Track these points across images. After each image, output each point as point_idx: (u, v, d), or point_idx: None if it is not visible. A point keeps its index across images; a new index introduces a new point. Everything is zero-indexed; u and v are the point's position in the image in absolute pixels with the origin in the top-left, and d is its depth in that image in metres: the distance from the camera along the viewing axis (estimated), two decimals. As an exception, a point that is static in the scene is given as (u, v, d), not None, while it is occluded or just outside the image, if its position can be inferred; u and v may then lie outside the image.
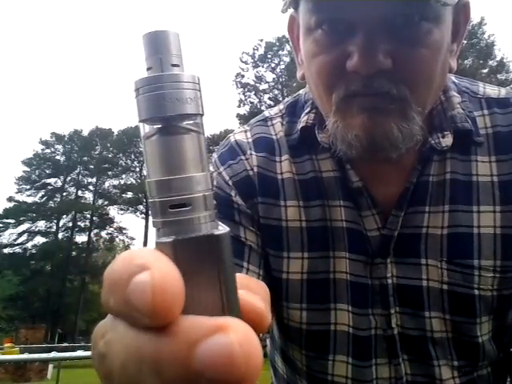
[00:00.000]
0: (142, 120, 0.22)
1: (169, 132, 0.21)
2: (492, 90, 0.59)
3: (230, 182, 0.61)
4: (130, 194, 47.33)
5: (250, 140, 0.65)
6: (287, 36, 0.60)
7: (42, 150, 47.47)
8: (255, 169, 0.61)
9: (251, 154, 0.63)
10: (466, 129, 0.55)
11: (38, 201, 45.81)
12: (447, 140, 0.54)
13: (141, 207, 47.19)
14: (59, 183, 47.48)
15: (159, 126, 0.21)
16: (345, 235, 0.56)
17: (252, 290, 0.21)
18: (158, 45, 0.24)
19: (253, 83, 39.83)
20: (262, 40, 39.70)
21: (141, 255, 0.18)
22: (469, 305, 0.53)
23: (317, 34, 0.49)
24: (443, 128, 0.55)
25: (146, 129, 0.22)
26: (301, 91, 0.67)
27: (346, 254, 0.56)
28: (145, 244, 47.20)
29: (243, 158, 0.63)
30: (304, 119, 0.61)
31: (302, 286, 0.57)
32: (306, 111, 0.61)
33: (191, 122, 0.21)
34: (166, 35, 0.24)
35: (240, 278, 0.21)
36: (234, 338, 0.16)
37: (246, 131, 0.67)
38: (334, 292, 0.56)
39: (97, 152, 48.65)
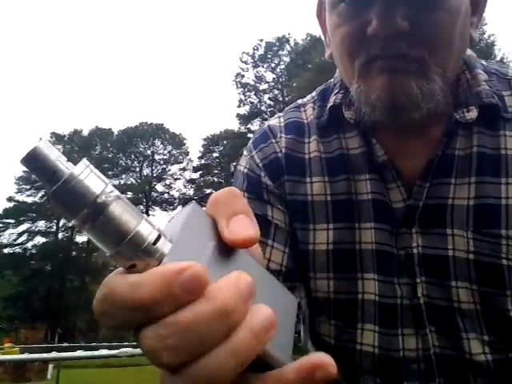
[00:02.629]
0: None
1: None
2: None
3: (260, 165, 0.66)
4: (129, 194, 47.34)
5: (282, 124, 0.69)
6: (287, 36, 0.62)
7: (42, 150, 47.42)
8: (283, 150, 0.65)
9: (281, 137, 0.67)
10: (492, 103, 0.56)
11: (38, 201, 45.78)
12: (472, 114, 0.55)
13: (141, 207, 47.22)
14: (59, 183, 47.42)
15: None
16: (370, 207, 0.58)
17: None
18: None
19: (253, 83, 39.81)
20: (262, 40, 39.63)
21: None
22: (497, 275, 0.52)
23: (340, 8, 0.53)
24: (468, 103, 0.56)
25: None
26: (332, 80, 0.70)
27: (371, 225, 0.57)
28: (145, 244, 47.10)
29: (273, 141, 0.67)
30: (332, 99, 0.64)
31: (328, 255, 0.58)
32: (335, 92, 0.65)
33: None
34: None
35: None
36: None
37: (279, 117, 0.71)
38: (360, 261, 0.57)
39: (97, 152, 48.63)
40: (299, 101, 0.73)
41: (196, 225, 0.29)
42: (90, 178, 0.25)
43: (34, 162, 0.24)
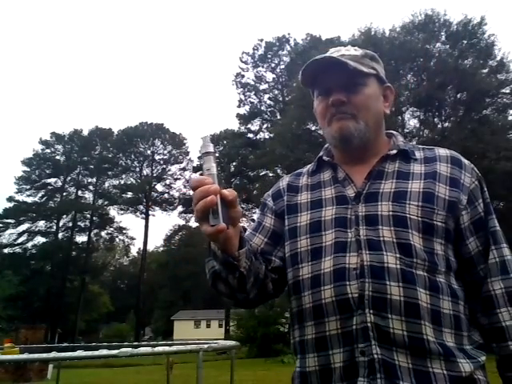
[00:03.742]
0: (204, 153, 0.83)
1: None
2: (427, 147, 1.09)
3: (270, 193, 1.16)
4: (129, 194, 47.28)
5: (288, 176, 1.17)
6: (287, 36, 0.78)
7: (42, 149, 47.22)
8: (285, 184, 1.13)
9: (285, 179, 1.16)
10: (404, 149, 1.04)
11: (38, 201, 45.63)
12: (394, 152, 1.03)
13: (141, 207, 47.25)
14: (59, 183, 47.28)
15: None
16: (333, 199, 1.01)
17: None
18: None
19: (253, 83, 39.71)
20: (262, 40, 39.55)
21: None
22: (403, 222, 0.92)
23: (318, 97, 1.07)
24: (393, 148, 1.06)
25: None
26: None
27: (332, 207, 1.00)
28: (145, 244, 47.40)
29: (280, 183, 1.16)
30: (319, 155, 1.13)
31: (307, 226, 1.01)
32: (321, 153, 1.14)
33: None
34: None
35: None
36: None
37: (290, 175, 1.18)
38: (324, 226, 0.98)
39: (97, 152, 48.37)
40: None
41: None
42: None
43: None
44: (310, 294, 0.94)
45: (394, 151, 1.02)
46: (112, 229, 48.86)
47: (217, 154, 0.86)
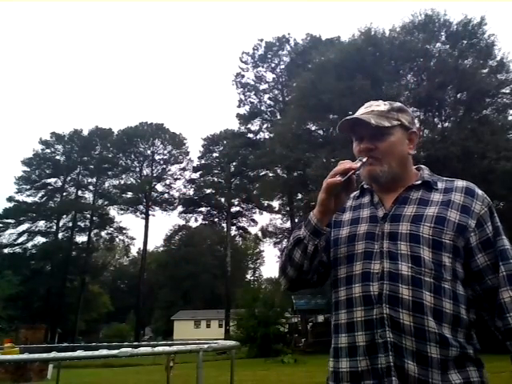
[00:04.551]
0: None
1: None
2: (449, 179, 1.31)
3: None
4: (130, 194, 47.21)
5: None
6: (287, 36, 0.78)
7: (42, 149, 47.13)
8: None
9: None
10: (427, 180, 1.28)
11: (38, 201, 45.56)
12: (418, 182, 1.28)
13: (141, 207, 47.21)
14: (59, 183, 47.20)
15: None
16: (368, 218, 1.28)
17: None
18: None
19: (253, 83, 39.72)
20: (262, 40, 39.59)
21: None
22: (416, 239, 1.16)
23: (355, 142, 1.31)
24: (418, 179, 1.29)
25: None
26: None
27: (366, 224, 1.27)
28: (145, 244, 47.38)
29: None
30: (361, 184, 1.38)
31: (346, 238, 1.28)
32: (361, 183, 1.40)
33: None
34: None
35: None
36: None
37: None
38: (357, 238, 1.25)
39: (97, 152, 48.28)
40: None
41: None
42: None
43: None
44: (345, 289, 1.22)
45: (419, 182, 1.27)
46: (112, 229, 48.82)
47: None
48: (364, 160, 1.20)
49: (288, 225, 34.87)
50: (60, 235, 46.17)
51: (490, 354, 1.01)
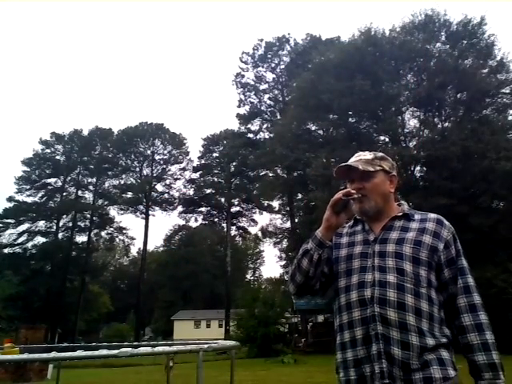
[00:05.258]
0: None
1: None
2: (423, 212, 1.65)
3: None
4: (130, 194, 47.17)
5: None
6: (287, 36, 0.78)
7: (42, 149, 47.06)
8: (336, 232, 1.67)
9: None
10: (406, 212, 1.62)
11: (38, 201, 45.47)
12: (400, 214, 1.61)
13: (141, 207, 47.19)
14: (59, 183, 47.13)
15: None
16: (361, 242, 1.60)
17: None
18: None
19: (253, 83, 39.67)
20: (262, 40, 39.54)
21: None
22: (400, 256, 1.49)
23: (348, 183, 1.65)
24: (399, 211, 1.63)
25: None
26: None
27: (359, 246, 1.59)
28: (145, 244, 47.37)
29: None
30: (354, 215, 1.67)
31: (345, 256, 1.60)
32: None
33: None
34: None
35: None
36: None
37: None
38: (353, 257, 1.57)
39: (97, 152, 48.23)
40: None
41: None
42: None
43: None
44: (345, 295, 1.54)
45: (401, 213, 1.62)
46: (112, 229, 48.79)
47: None
48: (356, 196, 1.54)
49: (288, 225, 34.81)
50: (60, 235, 46.14)
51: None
